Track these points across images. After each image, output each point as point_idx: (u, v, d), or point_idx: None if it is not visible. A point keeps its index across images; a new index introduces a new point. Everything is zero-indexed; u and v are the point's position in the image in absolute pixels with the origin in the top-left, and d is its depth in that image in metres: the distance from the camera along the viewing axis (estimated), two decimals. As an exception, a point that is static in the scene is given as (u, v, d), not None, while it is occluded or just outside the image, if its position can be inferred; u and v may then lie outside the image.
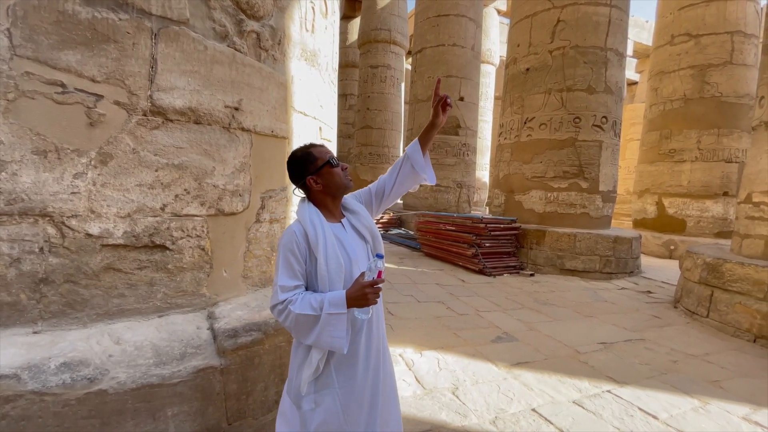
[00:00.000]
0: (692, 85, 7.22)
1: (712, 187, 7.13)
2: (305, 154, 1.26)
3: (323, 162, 1.25)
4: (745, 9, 6.91)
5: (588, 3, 5.46)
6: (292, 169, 1.27)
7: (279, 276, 1.14)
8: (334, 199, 1.29)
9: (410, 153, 1.40)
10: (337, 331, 1.09)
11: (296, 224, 1.20)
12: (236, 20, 1.76)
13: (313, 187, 1.24)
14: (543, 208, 5.97)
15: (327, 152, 1.29)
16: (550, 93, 5.78)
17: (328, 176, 1.25)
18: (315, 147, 1.29)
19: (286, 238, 1.17)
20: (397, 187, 1.41)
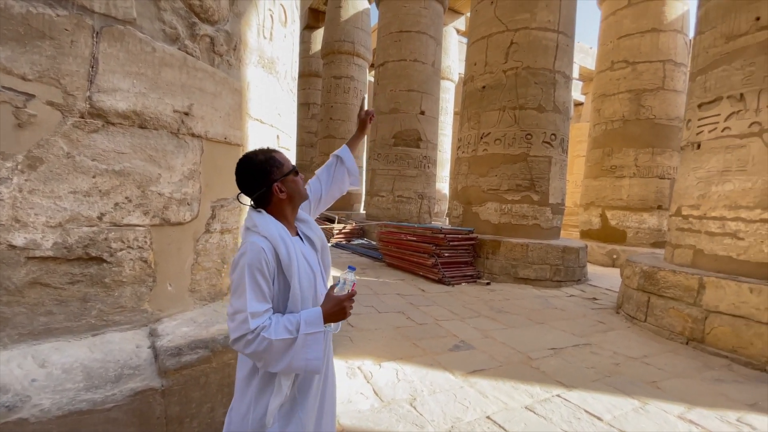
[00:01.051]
0: (630, 107, 7.89)
1: (648, 200, 7.78)
2: (270, 158, 1.14)
3: (289, 169, 1.17)
4: (675, 40, 7.70)
5: (538, 28, 5.85)
6: (251, 173, 1.12)
7: (248, 301, 0.98)
8: (293, 210, 1.20)
9: (346, 158, 1.46)
10: (314, 351, 1.02)
11: (262, 240, 1.06)
12: (188, 23, 1.70)
13: (278, 196, 1.13)
14: (498, 220, 6.22)
15: (288, 159, 1.22)
16: (505, 110, 6.08)
17: (293, 185, 1.17)
18: (276, 152, 1.19)
19: (253, 256, 1.02)
20: (330, 192, 1.41)
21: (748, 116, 3.44)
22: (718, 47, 3.73)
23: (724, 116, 3.64)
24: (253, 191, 1.13)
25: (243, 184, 1.14)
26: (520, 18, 5.89)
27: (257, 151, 1.17)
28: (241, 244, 1.08)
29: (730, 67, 3.60)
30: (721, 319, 3.29)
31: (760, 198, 3.34)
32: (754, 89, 3.41)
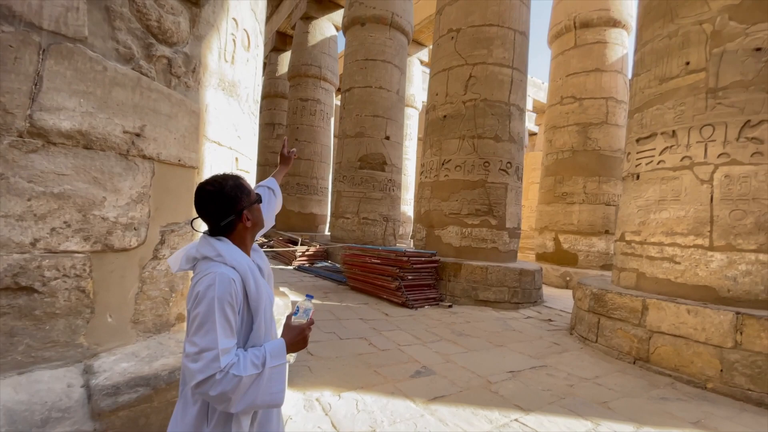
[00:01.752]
0: (578, 139, 8.52)
1: (596, 225, 8.31)
2: (239, 185, 1.10)
3: (255, 197, 1.13)
4: (616, 80, 8.48)
5: (494, 64, 6.25)
6: (221, 200, 1.06)
7: (219, 337, 0.92)
8: (252, 239, 1.17)
9: (276, 189, 1.61)
10: (278, 384, 0.98)
11: (231, 271, 1.00)
12: (145, 44, 1.66)
13: (244, 224, 1.09)
14: (459, 243, 6.37)
15: (251, 186, 1.19)
16: (464, 139, 6.35)
17: (257, 212, 1.14)
18: (242, 179, 1.15)
19: (224, 289, 0.96)
20: (266, 219, 1.42)
21: (680, 151, 3.81)
22: (652, 88, 4.15)
23: (659, 150, 4.01)
24: (221, 218, 1.07)
25: (209, 211, 1.08)
26: (478, 53, 6.27)
27: (226, 177, 1.12)
28: (202, 274, 1.00)
29: (663, 106, 3.99)
30: (664, 339, 3.51)
31: (692, 225, 3.66)
32: (684, 127, 3.79)
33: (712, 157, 3.55)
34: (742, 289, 3.36)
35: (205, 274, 0.99)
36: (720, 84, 3.55)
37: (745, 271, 3.36)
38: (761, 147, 3.34)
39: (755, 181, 3.35)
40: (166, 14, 1.71)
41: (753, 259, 3.33)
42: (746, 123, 3.42)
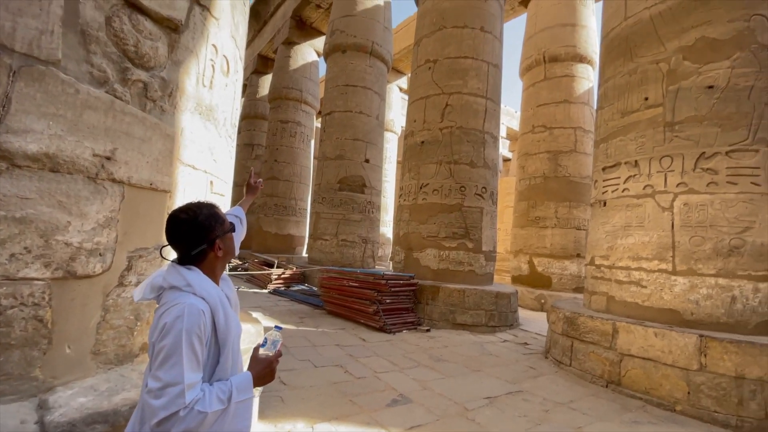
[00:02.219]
0: (549, 166, 8.88)
1: (568, 249, 8.56)
2: (214, 213, 1.09)
3: (229, 226, 1.12)
4: (583, 111, 8.98)
5: (469, 94, 6.52)
6: (195, 228, 1.05)
7: (185, 371, 0.88)
8: (223, 269, 1.15)
9: (243, 217, 1.65)
10: (244, 419, 0.95)
11: (200, 302, 0.97)
12: (120, 67, 1.65)
13: (215, 254, 1.07)
14: (437, 265, 6.41)
15: (225, 214, 1.18)
16: (441, 164, 6.52)
17: (229, 242, 1.12)
18: (217, 207, 1.13)
19: (192, 321, 0.92)
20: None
21: (642, 180, 4.03)
22: (615, 120, 4.41)
23: (623, 179, 4.23)
24: (192, 247, 1.05)
25: (181, 239, 1.05)
26: (454, 84, 6.53)
27: (201, 204, 1.10)
28: (170, 304, 0.97)
29: (626, 137, 4.24)
30: (634, 362, 3.59)
31: (656, 250, 3.83)
32: (645, 157, 4.02)
33: (671, 186, 3.78)
34: (704, 312, 3.51)
35: (174, 305, 0.95)
36: (676, 118, 3.82)
37: (706, 294, 3.52)
38: (716, 177, 3.58)
39: (711, 209, 3.57)
40: (144, 39, 1.72)
41: (713, 283, 3.51)
42: (701, 155, 3.67)
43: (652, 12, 4.02)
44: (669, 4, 3.91)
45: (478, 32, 6.60)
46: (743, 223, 3.45)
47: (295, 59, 13.52)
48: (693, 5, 3.78)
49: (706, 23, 3.72)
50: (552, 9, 9.16)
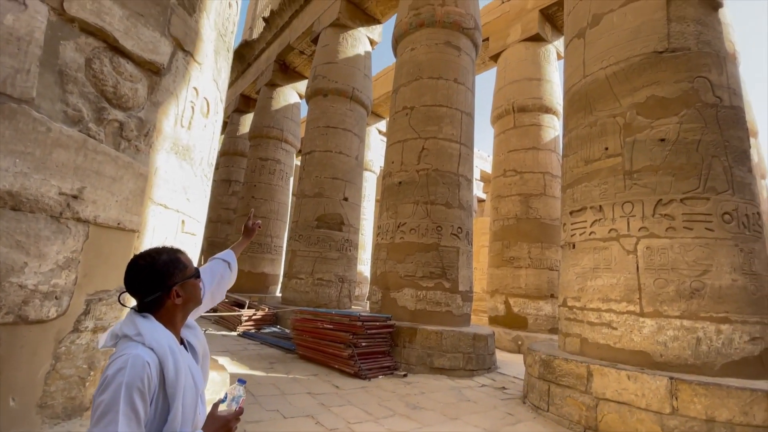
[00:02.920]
0: (521, 208, 9.21)
1: (542, 289, 8.69)
2: (175, 259, 1.06)
3: (192, 272, 1.08)
4: (551, 157, 9.50)
5: (444, 139, 6.82)
6: (150, 274, 1.02)
7: (120, 430, 0.81)
8: (185, 317, 1.09)
9: (233, 263, 1.53)
10: None
11: (147, 353, 0.91)
12: (97, 107, 1.65)
13: (173, 301, 1.03)
14: (414, 306, 6.34)
15: (191, 261, 1.14)
16: (418, 204, 6.65)
17: (193, 289, 1.08)
18: (182, 253, 1.11)
19: (135, 373, 0.86)
20: (212, 297, 1.38)
21: (607, 224, 4.23)
22: (580, 168, 4.68)
23: (590, 222, 4.42)
24: (147, 294, 1.01)
25: (136, 285, 1.02)
26: (430, 129, 6.84)
27: (162, 249, 1.08)
28: (117, 355, 0.92)
29: (590, 184, 4.49)
30: (609, 406, 3.58)
31: (624, 292, 3.95)
32: (609, 203, 4.25)
33: (634, 230, 3.98)
34: (672, 353, 3.58)
35: (120, 356, 0.90)
36: (634, 167, 4.11)
37: (673, 336, 3.62)
38: (673, 223, 3.81)
39: (672, 252, 3.76)
40: (124, 81, 1.74)
41: (678, 325, 3.62)
42: (659, 201, 3.92)
43: (607, 72, 4.42)
44: (621, 66, 4.32)
45: (452, 83, 7.03)
46: (701, 266, 3.64)
47: (277, 100, 13.85)
48: (642, 67, 4.19)
49: (655, 83, 4.12)
50: (519, 65, 9.93)
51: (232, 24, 2.74)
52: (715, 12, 4.34)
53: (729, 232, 3.68)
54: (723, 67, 4.14)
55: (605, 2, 4.58)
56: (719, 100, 3.99)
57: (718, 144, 3.88)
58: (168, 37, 1.96)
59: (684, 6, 4.20)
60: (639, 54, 4.22)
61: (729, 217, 3.72)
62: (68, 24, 1.59)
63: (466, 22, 7.28)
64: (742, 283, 3.59)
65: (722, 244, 3.65)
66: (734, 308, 3.52)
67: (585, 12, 4.81)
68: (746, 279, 3.61)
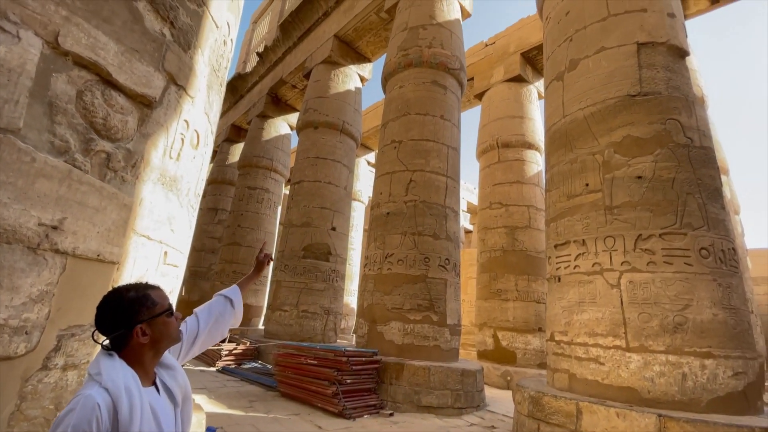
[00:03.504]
0: (507, 240, 9.32)
1: (530, 323, 8.64)
2: (142, 296, 1.04)
3: (162, 309, 1.05)
4: (535, 191, 9.75)
5: (431, 172, 6.97)
6: (114, 311, 1.00)
7: None
8: (156, 355, 1.05)
9: (236, 300, 1.44)
10: None
11: (100, 393, 0.88)
12: (85, 138, 1.66)
13: (137, 339, 0.99)
14: (401, 340, 6.20)
15: (166, 297, 1.11)
16: (406, 235, 6.67)
17: (163, 327, 1.04)
18: (154, 289, 1.09)
19: (82, 416, 0.82)
20: (211, 335, 1.32)
21: (591, 258, 4.30)
22: (562, 202, 4.81)
23: (574, 256, 4.49)
24: (110, 331, 1.00)
25: (101, 322, 1.01)
26: (417, 162, 7.00)
27: (131, 286, 1.06)
28: (75, 395, 0.89)
29: (573, 218, 4.60)
30: (599, 445, 3.49)
31: (610, 326, 3.96)
32: (591, 237, 4.34)
33: (616, 265, 4.05)
34: (659, 390, 3.56)
35: (76, 396, 0.88)
36: (614, 203, 4.24)
37: (659, 372, 3.61)
38: (654, 257, 3.90)
39: (654, 287, 3.82)
40: (114, 113, 1.76)
41: (664, 360, 3.62)
42: (639, 236, 4.02)
43: (585, 113, 4.66)
44: (598, 107, 4.56)
45: (439, 119, 7.29)
46: (683, 300, 3.70)
47: (268, 131, 14.05)
48: (618, 109, 4.43)
49: (630, 124, 4.34)
50: (502, 103, 10.39)
51: (226, 60, 2.82)
52: (682, 59, 4.67)
53: (707, 267, 3.78)
54: (692, 110, 4.40)
55: (581, 49, 4.89)
56: (690, 140, 4.22)
57: (692, 182, 4.05)
58: (162, 72, 2.00)
59: (653, 54, 4.51)
60: (614, 97, 4.47)
61: (706, 252, 3.83)
62: (61, 57, 1.62)
63: (452, 63, 7.65)
64: (723, 317, 3.64)
65: (701, 279, 3.73)
66: (716, 343, 3.56)
67: (563, 57, 5.12)
68: (726, 313, 3.67)
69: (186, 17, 2.20)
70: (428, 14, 7.94)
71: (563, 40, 5.19)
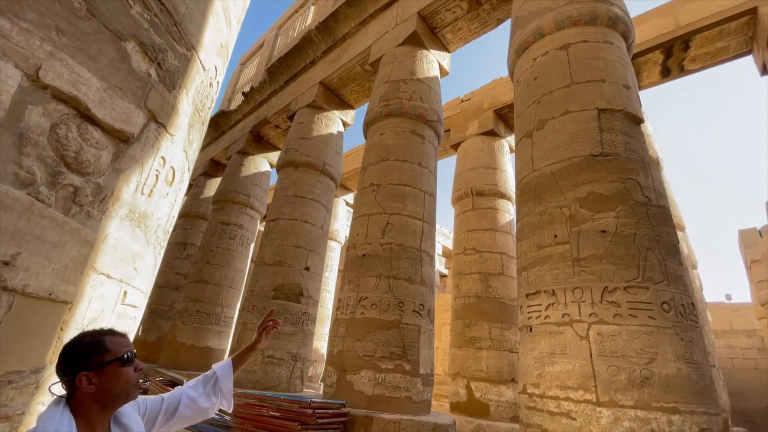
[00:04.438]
0: (481, 286, 9.38)
1: (503, 373, 8.50)
2: (96, 342, 0.99)
3: (114, 357, 0.99)
4: (507, 239, 10.01)
5: (408, 216, 7.09)
6: (67, 356, 0.97)
7: None
8: (104, 409, 0.97)
9: (221, 376, 1.34)
10: None
11: None
12: (53, 171, 1.61)
13: (82, 388, 0.94)
14: (372, 390, 5.93)
15: (124, 345, 1.04)
16: (381, 278, 6.61)
17: (113, 377, 0.97)
18: (112, 336, 1.03)
19: None
20: (191, 406, 1.22)
21: (560, 308, 4.37)
22: (533, 252, 4.94)
23: (545, 306, 4.55)
24: (61, 378, 0.97)
25: (57, 367, 0.98)
26: (395, 205, 7.12)
27: (89, 333, 1.02)
28: None
29: (543, 268, 4.71)
30: None
31: (580, 379, 3.95)
32: (561, 287, 4.44)
33: (585, 316, 4.12)
34: (630, 448, 3.51)
35: None
36: (581, 255, 4.40)
37: (629, 428, 3.58)
38: (619, 310, 4.00)
39: (621, 339, 3.89)
40: (88, 147, 1.73)
41: (633, 416, 3.60)
42: (605, 288, 4.15)
43: (553, 168, 4.95)
44: (564, 164, 4.87)
45: (416, 166, 7.54)
46: (648, 354, 3.77)
47: (247, 167, 14.04)
48: (582, 167, 4.74)
49: (593, 181, 4.63)
50: (477, 154, 10.93)
51: (210, 101, 2.88)
52: (638, 125, 5.12)
53: (669, 321, 3.90)
54: (648, 171, 4.77)
55: (548, 111, 5.30)
56: (648, 199, 4.52)
57: (651, 238, 4.29)
58: (143, 110, 2.02)
59: (612, 119, 4.94)
60: (578, 155, 4.79)
61: (667, 306, 3.98)
62: (40, 90, 1.61)
63: (430, 116, 8.08)
64: (686, 372, 3.72)
65: (665, 333, 3.84)
66: (682, 398, 3.60)
67: (532, 117, 5.52)
68: (689, 368, 3.75)
69: (174, 59, 2.26)
70: (409, 70, 8.47)
71: (532, 101, 5.61)
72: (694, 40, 8.66)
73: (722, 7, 8.04)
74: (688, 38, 8.61)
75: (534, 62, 5.87)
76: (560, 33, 5.71)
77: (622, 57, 5.52)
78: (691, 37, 8.56)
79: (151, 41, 2.08)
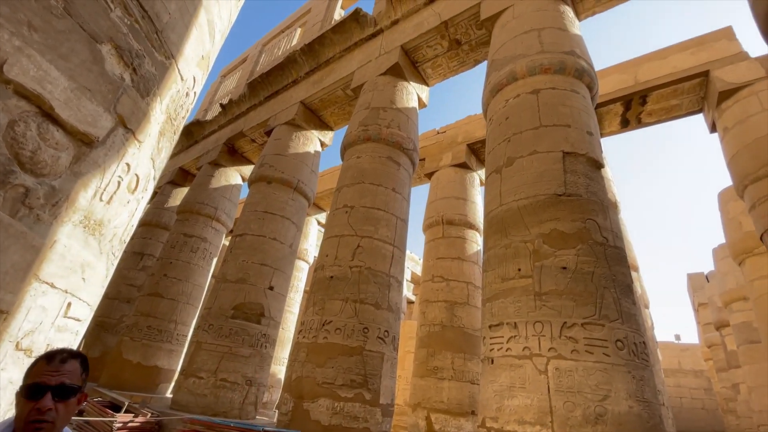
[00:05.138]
0: (446, 315, 9.40)
1: (463, 405, 8.42)
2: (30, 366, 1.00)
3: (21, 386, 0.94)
4: (473, 269, 10.17)
5: (379, 240, 7.10)
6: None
7: None
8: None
9: None
10: None
11: None
12: (4, 170, 1.51)
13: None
14: (329, 420, 5.70)
15: (37, 375, 0.96)
16: (347, 302, 6.50)
17: (19, 408, 0.92)
18: (49, 361, 0.98)
19: None
20: None
21: (522, 341, 4.44)
22: (497, 284, 5.04)
23: (506, 338, 4.61)
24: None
25: None
26: (366, 228, 7.12)
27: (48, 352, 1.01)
28: None
29: (506, 300, 4.81)
30: None
31: (537, 414, 3.98)
32: (522, 320, 4.53)
33: (544, 350, 4.21)
34: (583, 486, 3.52)
35: None
36: (543, 290, 4.53)
37: (582, 465, 3.61)
38: (576, 345, 4.12)
39: (577, 375, 3.98)
40: (46, 147, 1.64)
41: (587, 453, 3.65)
42: (564, 323, 4.27)
43: (519, 204, 5.15)
44: (530, 201, 5.08)
45: (390, 191, 7.64)
46: (602, 391, 3.87)
47: (218, 179, 13.67)
48: (546, 205, 4.97)
49: (556, 219, 4.85)
50: (448, 185, 11.23)
51: (185, 111, 2.82)
52: (599, 170, 5.46)
53: (622, 359, 4.05)
54: (606, 213, 5.06)
55: (517, 150, 5.57)
56: (606, 239, 4.77)
57: (608, 277, 4.50)
58: (112, 114, 1.95)
59: (575, 162, 5.25)
60: (543, 194, 5.03)
61: (621, 344, 4.14)
62: (2, 84, 1.53)
63: (406, 144, 8.28)
64: (637, 410, 3.84)
65: (618, 370, 3.97)
66: (633, 437, 3.69)
67: (501, 154, 5.78)
68: (640, 406, 3.88)
69: (151, 66, 2.22)
70: (389, 99, 8.72)
71: (503, 140, 5.89)
72: (651, 96, 9.47)
73: (677, 68, 8.89)
74: (646, 94, 9.41)
75: (506, 103, 6.21)
76: (532, 78, 6.10)
77: (587, 106, 5.94)
78: (648, 93, 9.36)
79: (129, 46, 2.04)
